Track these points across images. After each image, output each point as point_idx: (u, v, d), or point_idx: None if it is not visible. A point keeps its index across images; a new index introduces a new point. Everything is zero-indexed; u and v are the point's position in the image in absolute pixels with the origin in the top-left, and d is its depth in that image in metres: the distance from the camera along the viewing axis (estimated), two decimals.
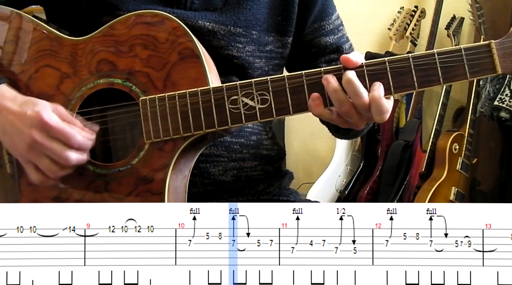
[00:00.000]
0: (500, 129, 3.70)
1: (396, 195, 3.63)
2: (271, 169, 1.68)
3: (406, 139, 3.69)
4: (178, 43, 1.35)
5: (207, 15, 1.50)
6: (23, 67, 1.42)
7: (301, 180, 3.79)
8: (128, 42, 1.38)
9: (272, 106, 1.31)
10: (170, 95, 1.33)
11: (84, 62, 1.39)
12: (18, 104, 1.32)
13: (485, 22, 3.63)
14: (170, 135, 1.33)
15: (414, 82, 1.29)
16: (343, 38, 1.75)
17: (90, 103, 1.41)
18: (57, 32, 1.43)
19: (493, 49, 1.29)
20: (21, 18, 1.45)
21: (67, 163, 1.30)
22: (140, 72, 1.36)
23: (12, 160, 1.40)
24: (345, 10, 4.05)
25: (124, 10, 1.45)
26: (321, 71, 1.31)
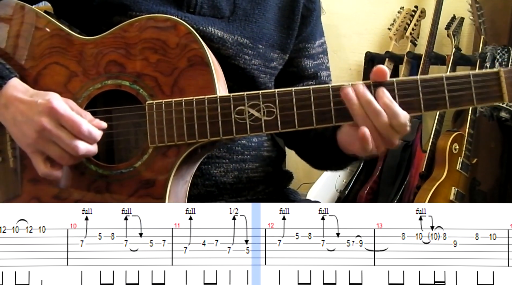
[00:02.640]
0: (500, 129, 3.69)
1: (396, 195, 3.63)
2: (271, 170, 1.69)
3: (406, 140, 3.69)
4: (188, 50, 1.35)
5: (216, 22, 1.51)
6: (32, 62, 1.42)
7: (301, 180, 3.77)
8: (138, 45, 1.37)
9: (277, 119, 1.32)
10: (177, 101, 1.33)
11: (93, 62, 1.39)
12: (29, 95, 1.32)
13: (485, 22, 3.62)
14: (175, 141, 1.33)
15: (421, 105, 1.30)
16: (322, 66, 1.73)
17: (96, 104, 1.41)
18: (68, 30, 1.43)
19: (502, 77, 1.29)
20: (33, 14, 1.45)
21: (75, 152, 1.29)
22: (148, 76, 1.36)
23: (16, 155, 1.40)
24: (345, 10, 4.10)
25: (136, 11, 1.45)
26: (328, 88, 1.31)
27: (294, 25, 1.63)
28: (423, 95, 1.30)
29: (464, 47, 3.84)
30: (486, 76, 1.30)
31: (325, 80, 1.72)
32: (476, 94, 1.29)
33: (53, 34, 1.42)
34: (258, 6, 1.57)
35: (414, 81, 1.30)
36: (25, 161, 1.37)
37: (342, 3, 4.07)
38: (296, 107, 1.32)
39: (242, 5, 1.56)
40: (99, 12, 1.48)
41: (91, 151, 1.32)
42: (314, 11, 1.68)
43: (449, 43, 3.78)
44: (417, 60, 3.79)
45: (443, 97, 1.30)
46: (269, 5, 1.60)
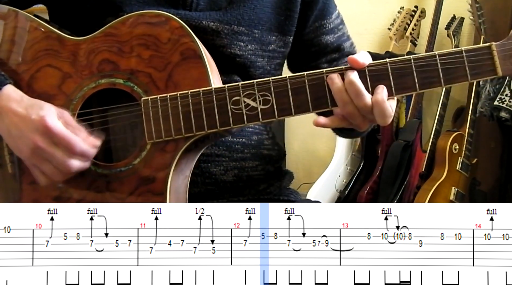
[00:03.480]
0: (500, 129, 3.68)
1: (396, 195, 3.63)
2: (271, 168, 1.69)
3: (406, 139, 3.69)
4: (180, 44, 1.35)
5: (212, 14, 1.50)
6: (25, 66, 1.42)
7: (301, 180, 3.79)
8: (130, 42, 1.38)
9: (274, 107, 1.32)
10: (172, 95, 1.33)
11: (86, 62, 1.39)
12: (23, 106, 1.32)
13: (485, 22, 3.62)
14: (172, 136, 1.34)
15: (416, 84, 1.31)
16: (344, 37, 1.75)
17: (91, 103, 1.41)
18: (59, 32, 1.43)
19: (494, 51, 1.29)
20: (23, 18, 1.45)
21: (69, 170, 1.30)
22: (142, 72, 1.36)
23: (14, 160, 1.40)
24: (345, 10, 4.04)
25: (128, 12, 1.43)
26: (323, 72, 1.31)
27: (293, 6, 1.63)
28: (417, 74, 1.30)
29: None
30: (478, 51, 1.30)
31: (349, 51, 1.74)
32: (470, 68, 1.30)
33: (44, 37, 1.43)
34: None
35: (407, 60, 1.31)
36: (23, 165, 1.37)
37: (342, 3, 4.03)
38: (291, 94, 1.32)
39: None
40: (92, 13, 1.49)
41: (84, 168, 1.33)
42: None
43: (449, 43, 3.78)
44: None
45: (437, 75, 1.30)
46: None
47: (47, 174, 1.32)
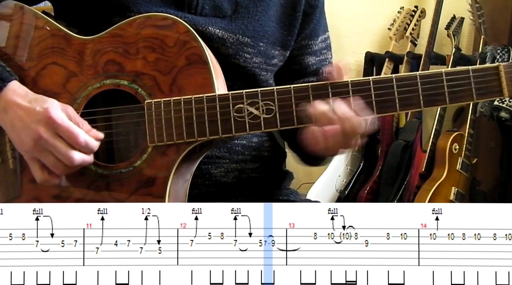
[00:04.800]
0: (500, 129, 3.67)
1: (396, 195, 3.62)
2: (272, 170, 1.69)
3: (406, 139, 3.68)
4: (186, 48, 1.35)
5: (217, 22, 1.50)
6: (31, 63, 1.42)
7: (301, 180, 3.77)
8: (136, 44, 1.37)
9: (276, 117, 1.33)
10: (176, 100, 1.34)
11: (91, 62, 1.39)
12: (27, 100, 1.32)
13: (485, 22, 3.61)
14: (174, 140, 1.34)
15: (420, 101, 1.31)
16: (325, 62, 1.73)
17: (95, 103, 1.41)
18: (66, 30, 1.42)
19: (501, 71, 1.30)
20: (30, 14, 1.45)
21: (71, 163, 1.29)
22: (146, 75, 1.36)
23: (15, 156, 1.40)
24: (345, 10, 4.10)
25: (136, 12, 1.44)
26: (327, 84, 1.33)
27: (295, 22, 1.63)
28: (423, 91, 1.31)
29: (464, 47, 3.83)
30: (485, 71, 1.31)
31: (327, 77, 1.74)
32: (476, 89, 1.30)
33: (51, 35, 1.43)
34: (261, 3, 1.57)
35: (413, 77, 1.31)
36: (25, 162, 1.37)
37: (342, 3, 4.06)
38: (295, 105, 1.32)
39: (244, 3, 1.55)
40: (99, 12, 1.48)
41: (87, 161, 1.33)
42: (317, 7, 1.68)
43: (449, 43, 3.77)
44: (417, 60, 3.79)
45: (443, 93, 1.31)
46: (272, 2, 1.60)
47: (49, 166, 1.32)
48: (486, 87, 1.30)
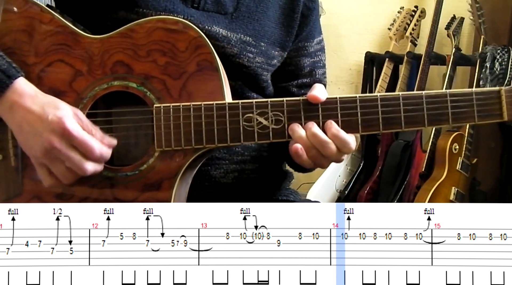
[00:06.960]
0: (500, 129, 3.66)
1: (396, 195, 3.62)
2: (272, 170, 1.68)
3: (406, 139, 3.68)
4: (197, 54, 1.34)
5: (220, 20, 1.51)
6: (36, 59, 1.38)
7: (301, 180, 3.76)
8: (146, 47, 1.36)
9: (285, 128, 1.33)
10: (185, 106, 1.32)
11: (99, 62, 1.37)
12: (38, 104, 1.30)
13: (485, 22, 3.60)
14: (182, 146, 1.33)
15: (425, 120, 1.33)
16: (319, 64, 1.74)
17: (100, 103, 1.39)
18: (73, 27, 1.39)
19: (502, 96, 1.32)
20: (38, 8, 1.41)
21: (83, 173, 1.29)
22: (156, 79, 1.35)
23: (17, 153, 1.37)
24: (345, 10, 4.10)
25: (143, 7, 1.44)
26: (336, 99, 1.34)
27: (293, 24, 1.64)
28: (427, 111, 1.33)
29: (464, 47, 3.81)
30: (487, 94, 1.33)
31: (319, 78, 1.73)
32: (478, 111, 1.32)
33: (58, 31, 1.40)
34: (261, 3, 1.58)
35: (419, 96, 1.33)
36: (27, 159, 1.35)
37: (342, 3, 4.06)
38: (303, 118, 1.33)
39: (245, 1, 1.56)
40: (104, 6, 1.46)
41: (98, 170, 1.32)
42: (314, 10, 1.69)
43: (449, 43, 3.75)
44: (417, 60, 3.78)
45: (446, 113, 1.33)
46: (271, 3, 1.60)
47: (58, 174, 1.31)
48: (487, 110, 1.32)
